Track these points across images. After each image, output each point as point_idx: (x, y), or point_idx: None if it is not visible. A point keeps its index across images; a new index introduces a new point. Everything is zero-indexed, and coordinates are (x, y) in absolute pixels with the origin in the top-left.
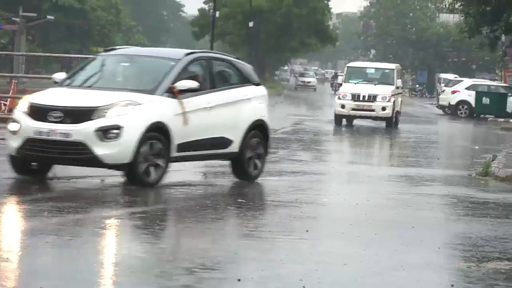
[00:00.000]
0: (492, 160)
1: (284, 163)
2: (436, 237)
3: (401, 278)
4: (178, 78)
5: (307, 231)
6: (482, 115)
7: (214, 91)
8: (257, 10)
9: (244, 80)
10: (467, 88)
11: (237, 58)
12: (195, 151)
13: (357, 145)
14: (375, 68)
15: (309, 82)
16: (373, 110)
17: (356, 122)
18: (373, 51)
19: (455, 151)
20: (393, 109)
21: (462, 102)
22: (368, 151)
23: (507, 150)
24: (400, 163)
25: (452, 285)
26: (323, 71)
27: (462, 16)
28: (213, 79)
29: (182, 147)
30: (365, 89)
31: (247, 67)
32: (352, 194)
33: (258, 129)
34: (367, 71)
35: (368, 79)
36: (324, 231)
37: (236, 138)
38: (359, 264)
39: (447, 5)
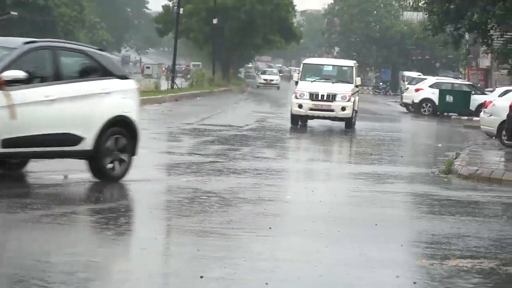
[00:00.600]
0: (455, 158)
1: (248, 160)
2: (399, 234)
3: (364, 275)
4: (10, 68)
5: (270, 228)
6: (445, 113)
7: (58, 83)
8: (221, 7)
9: (104, 73)
10: (431, 86)
11: (99, 49)
12: (29, 147)
13: (320, 143)
14: (333, 65)
15: (271, 80)
16: (332, 110)
17: (312, 122)
18: (337, 49)
19: (419, 149)
20: (353, 109)
21: (425, 100)
22: (332, 149)
23: (470, 148)
24: (364, 160)
25: (415, 282)
26: (287, 68)
27: (426, 14)
28: (59, 70)
29: (10, 142)
30: (323, 88)
31: (110, 59)
32: (315, 191)
33: (121, 125)
34: (324, 69)
35: (325, 77)
36: (288, 228)
37: (89, 135)
38: (323, 261)
39: (411, 3)
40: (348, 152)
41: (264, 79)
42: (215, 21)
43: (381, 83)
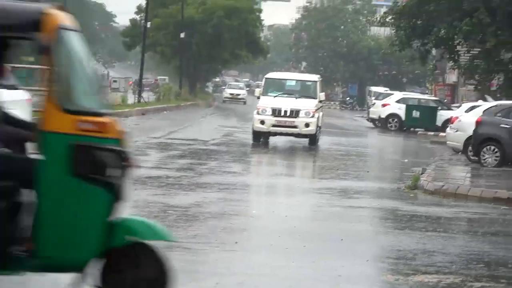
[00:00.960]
0: (422, 174)
1: (214, 174)
2: (365, 249)
3: None
4: None
5: (236, 242)
6: (412, 129)
7: None
8: (188, 22)
9: None
10: (398, 101)
11: None
12: None
13: (287, 158)
14: (296, 80)
15: (238, 94)
16: (295, 127)
17: (275, 138)
18: (304, 63)
19: (385, 164)
20: (317, 125)
21: (392, 115)
22: (299, 164)
23: (436, 163)
24: (330, 175)
25: None
26: (255, 83)
27: (393, 30)
28: None
29: None
30: (286, 104)
31: None
32: (281, 206)
33: None
34: (287, 83)
35: (288, 92)
36: (254, 243)
37: None
38: (289, 276)
39: (378, 19)
40: (314, 167)
41: (230, 94)
42: (182, 35)
43: (348, 98)
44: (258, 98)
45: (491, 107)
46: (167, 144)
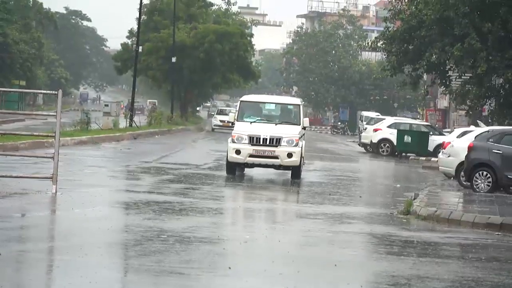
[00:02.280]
0: (414, 199)
1: (207, 199)
2: (359, 275)
3: None
4: None
5: (229, 268)
6: (403, 154)
7: None
8: (180, 46)
9: None
10: (389, 126)
11: None
12: None
13: (280, 183)
14: (276, 103)
15: (229, 122)
16: (276, 157)
17: (249, 171)
18: (295, 88)
19: (377, 189)
20: (301, 156)
21: (384, 140)
22: (291, 188)
23: (429, 188)
24: (322, 200)
25: None
26: None
27: (385, 54)
28: None
29: None
30: (265, 130)
31: None
32: (274, 231)
33: None
34: (265, 107)
35: (267, 117)
36: (247, 268)
37: None
38: None
39: (369, 43)
40: (307, 192)
41: (221, 121)
42: (173, 59)
43: (339, 123)
44: (233, 124)
45: (483, 132)
46: (159, 168)
